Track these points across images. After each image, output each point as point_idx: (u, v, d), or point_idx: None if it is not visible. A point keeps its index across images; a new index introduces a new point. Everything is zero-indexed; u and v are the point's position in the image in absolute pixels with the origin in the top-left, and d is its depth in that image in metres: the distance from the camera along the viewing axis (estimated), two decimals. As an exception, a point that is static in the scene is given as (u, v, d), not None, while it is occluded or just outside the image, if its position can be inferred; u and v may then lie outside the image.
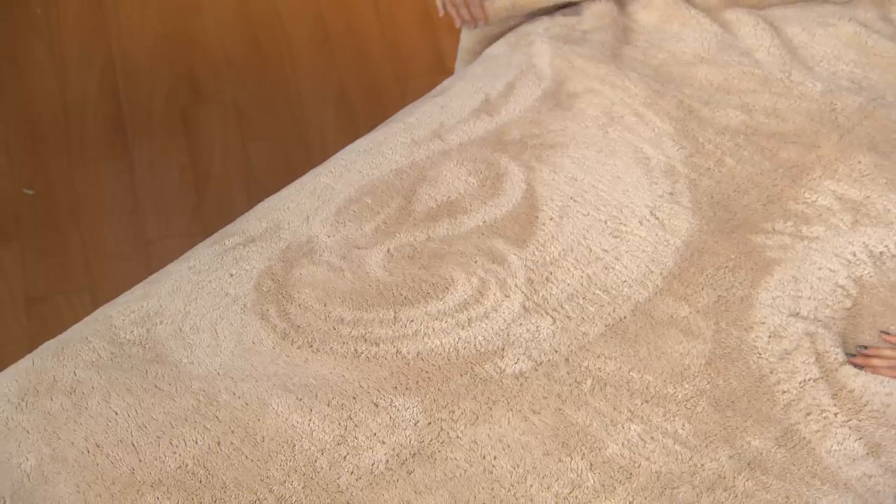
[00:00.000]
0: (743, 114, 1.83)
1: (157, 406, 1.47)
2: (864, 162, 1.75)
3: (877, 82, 1.89)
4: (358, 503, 1.39)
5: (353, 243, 1.66)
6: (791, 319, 1.58)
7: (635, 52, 1.93)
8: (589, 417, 1.47)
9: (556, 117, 1.82)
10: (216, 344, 1.54)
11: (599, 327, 1.57)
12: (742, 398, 1.50)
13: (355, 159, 1.79)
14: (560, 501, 1.39)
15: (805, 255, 1.65)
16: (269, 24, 2.94)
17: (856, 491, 1.42)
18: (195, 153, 2.67)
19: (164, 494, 1.39)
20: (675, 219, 1.69)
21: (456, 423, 1.46)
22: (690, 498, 1.40)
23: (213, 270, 1.63)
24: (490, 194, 1.72)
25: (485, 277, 1.61)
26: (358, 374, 1.51)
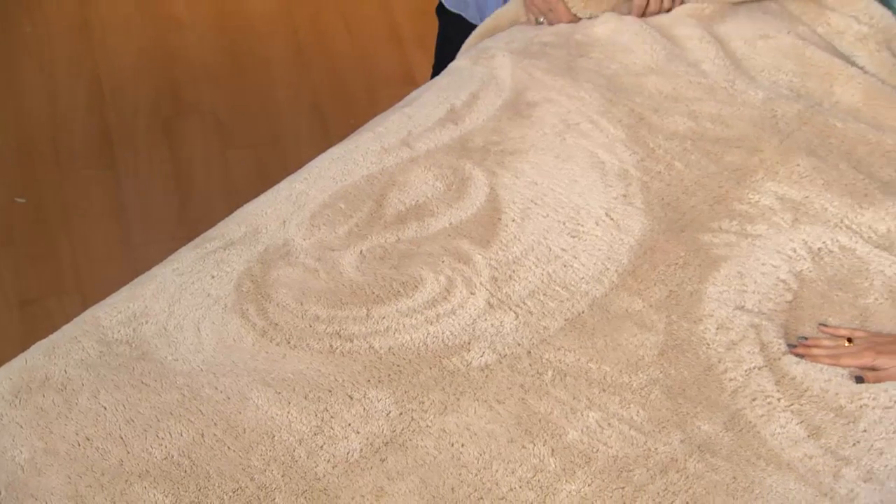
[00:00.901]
0: (690, 120, 1.84)
1: (144, 401, 1.47)
2: (802, 164, 1.76)
3: (814, 90, 1.90)
4: (334, 489, 1.39)
5: (327, 245, 1.66)
6: (737, 312, 1.59)
7: (589, 63, 1.93)
8: (550, 406, 1.47)
9: (516, 125, 1.82)
10: (199, 342, 1.54)
11: (559, 321, 1.57)
12: (692, 386, 1.51)
13: (328, 166, 1.78)
14: (524, 485, 1.39)
15: (749, 251, 1.66)
16: (247, 39, 2.93)
17: (797, 471, 1.42)
18: (178, 162, 2.67)
19: (151, 484, 1.38)
20: (628, 219, 1.69)
21: (426, 414, 1.46)
22: (645, 480, 1.40)
23: (196, 272, 1.63)
24: (455, 198, 1.72)
25: (451, 276, 1.61)
26: (333, 368, 1.50)
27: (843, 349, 1.56)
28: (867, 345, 1.55)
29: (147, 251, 2.44)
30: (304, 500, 1.37)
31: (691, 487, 1.40)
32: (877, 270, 1.63)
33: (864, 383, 1.51)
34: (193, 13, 2.98)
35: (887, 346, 1.55)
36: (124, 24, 2.94)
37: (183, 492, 1.38)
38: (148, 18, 2.96)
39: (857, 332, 1.59)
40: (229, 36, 2.93)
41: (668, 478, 1.41)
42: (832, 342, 1.57)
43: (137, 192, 2.60)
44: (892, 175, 1.77)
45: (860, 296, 1.62)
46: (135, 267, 2.13)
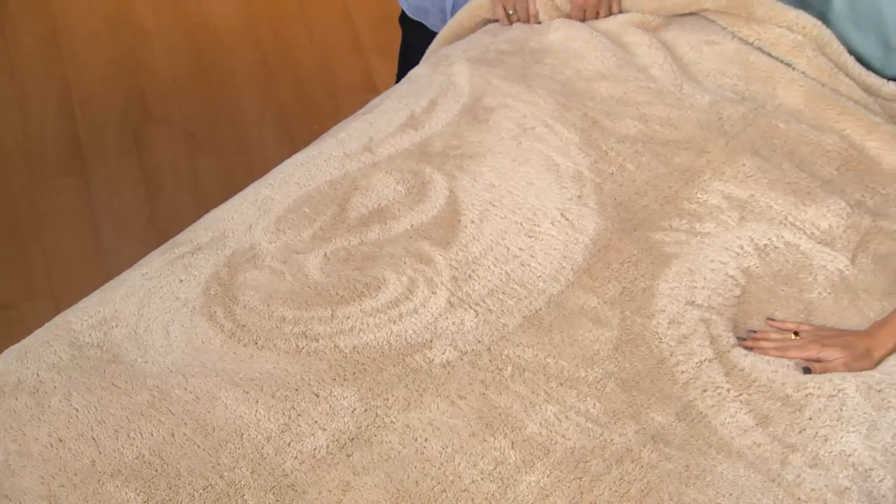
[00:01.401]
0: (640, 123, 1.84)
1: (115, 402, 1.45)
2: (748, 164, 1.77)
3: (757, 93, 1.91)
4: (302, 485, 1.38)
5: (292, 249, 1.65)
6: (688, 307, 1.59)
7: (544, 70, 1.94)
8: (510, 400, 1.47)
9: (474, 130, 1.82)
10: (168, 344, 1.53)
11: (518, 319, 1.57)
12: (646, 378, 1.51)
13: (293, 172, 1.78)
14: (485, 477, 1.39)
15: (698, 249, 1.67)
16: (213, 50, 2.92)
17: (747, 458, 1.43)
18: (147, 170, 2.65)
19: (123, 483, 1.37)
20: (583, 219, 1.69)
21: (390, 410, 1.46)
22: (601, 470, 1.41)
23: (164, 277, 1.62)
24: (416, 201, 1.72)
25: (413, 276, 1.61)
26: (299, 367, 1.50)
27: (790, 342, 1.57)
28: (812, 338, 1.57)
29: (118, 257, 2.42)
30: (273, 495, 1.37)
31: (646, 476, 1.40)
32: (819, 266, 1.65)
33: (810, 373, 1.52)
34: (161, 25, 2.97)
35: (831, 339, 1.56)
36: (93, 37, 2.91)
37: (154, 490, 1.37)
38: (116, 31, 2.93)
39: (802, 325, 1.60)
40: (196, 47, 2.92)
41: (624, 467, 1.41)
42: (779, 335, 1.58)
43: (108, 199, 2.57)
44: (832, 174, 1.78)
45: (805, 290, 1.63)
46: (106, 272, 2.11)
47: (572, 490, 1.38)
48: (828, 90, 1.89)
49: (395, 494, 1.37)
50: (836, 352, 1.55)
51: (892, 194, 1.77)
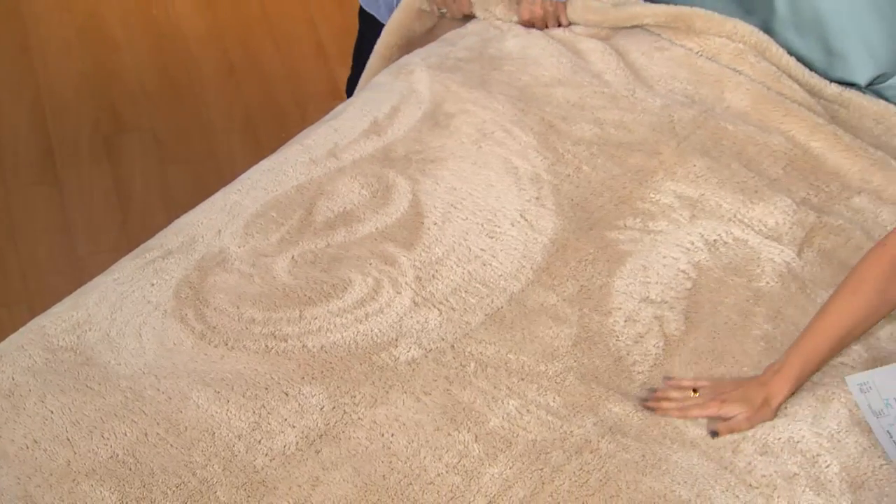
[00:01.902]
0: (595, 127, 1.85)
1: (89, 404, 1.44)
2: (698, 165, 1.78)
3: (706, 96, 1.92)
4: (272, 481, 1.37)
5: (260, 252, 1.64)
6: (643, 304, 1.60)
7: (502, 76, 1.94)
8: (473, 396, 1.47)
9: (435, 135, 1.82)
10: (140, 346, 1.51)
11: (480, 317, 1.57)
12: (604, 373, 1.52)
13: (260, 178, 1.77)
14: (450, 470, 1.39)
15: (652, 246, 1.67)
16: (182, 60, 2.90)
17: (700, 448, 1.44)
18: (119, 177, 2.63)
19: (98, 482, 1.36)
20: (541, 220, 1.70)
21: (357, 407, 1.45)
22: (562, 461, 1.41)
23: (136, 281, 1.60)
24: (381, 204, 1.72)
25: (379, 277, 1.61)
26: (269, 367, 1.49)
27: (690, 400, 1.50)
28: (711, 394, 1.50)
29: (91, 262, 2.40)
30: (244, 492, 1.36)
31: (604, 466, 1.41)
32: (767, 258, 1.66)
33: (717, 436, 1.46)
34: (130, 37, 2.95)
35: (730, 393, 1.50)
36: (65, 48, 2.89)
37: (128, 488, 1.36)
38: (87, 42, 2.91)
39: (700, 382, 1.53)
40: (165, 57, 2.90)
41: (583, 458, 1.42)
42: (679, 394, 1.51)
43: (81, 206, 2.55)
44: (778, 173, 1.80)
45: (753, 280, 1.64)
46: (80, 277, 2.09)
47: (534, 481, 1.39)
48: (773, 93, 1.90)
49: (363, 488, 1.37)
50: (737, 407, 1.48)
51: (836, 192, 1.79)
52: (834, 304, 1.51)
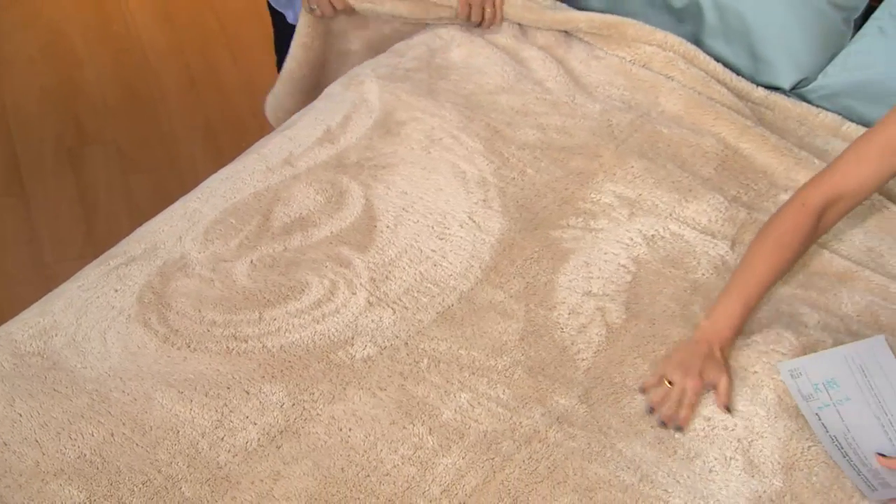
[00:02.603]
0: (538, 132, 1.86)
1: (57, 406, 1.43)
2: (635, 167, 1.79)
3: (642, 102, 1.94)
4: (235, 476, 1.36)
5: (220, 257, 1.63)
6: (585, 298, 1.61)
7: (448, 85, 1.94)
8: (426, 390, 1.47)
9: (386, 142, 1.82)
10: (105, 350, 1.50)
11: (432, 314, 1.57)
12: (550, 365, 1.52)
13: (219, 186, 1.76)
14: (405, 462, 1.39)
15: (593, 243, 1.68)
16: (143, 73, 2.88)
17: (644, 437, 1.45)
18: (83, 187, 2.60)
19: (66, 481, 1.34)
20: (488, 221, 1.70)
21: (316, 403, 1.45)
22: (512, 450, 1.41)
23: (100, 287, 1.59)
24: (335, 209, 1.71)
25: (334, 279, 1.60)
26: (230, 367, 1.48)
27: (676, 394, 1.47)
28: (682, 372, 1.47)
29: (57, 270, 2.37)
30: (208, 487, 1.35)
31: (552, 455, 1.41)
32: (703, 252, 1.68)
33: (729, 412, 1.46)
34: (92, 52, 2.92)
35: (675, 368, 1.48)
36: (27, 63, 2.86)
37: (96, 486, 1.34)
38: (50, 58, 2.88)
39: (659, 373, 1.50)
40: (127, 72, 2.87)
41: (532, 447, 1.42)
42: (664, 392, 1.47)
43: (46, 216, 2.52)
44: (711, 172, 1.81)
45: (690, 272, 1.66)
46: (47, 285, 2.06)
47: (485, 470, 1.39)
48: (704, 98, 1.92)
49: (323, 481, 1.36)
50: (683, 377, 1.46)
51: (764, 189, 1.81)
52: (754, 267, 1.55)
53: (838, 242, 1.73)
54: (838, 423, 1.45)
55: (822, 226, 1.59)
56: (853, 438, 1.44)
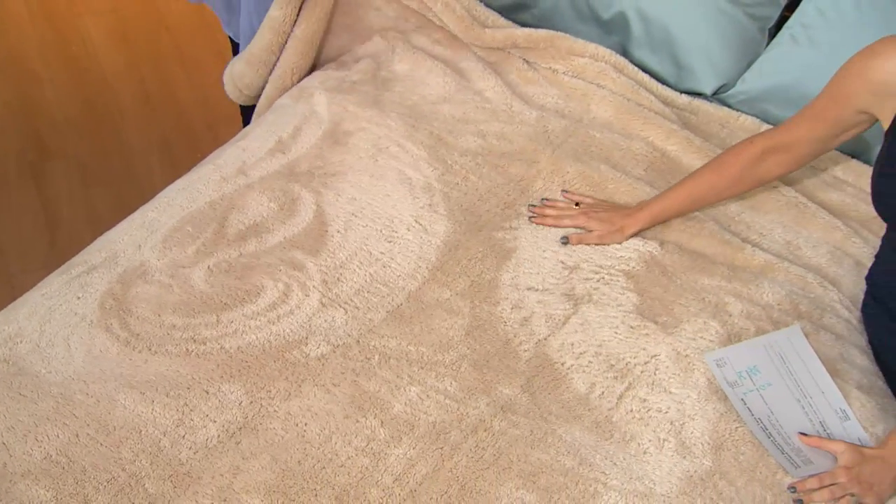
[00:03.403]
0: (479, 139, 1.86)
1: (23, 410, 1.40)
2: (570, 171, 1.80)
3: (574, 109, 1.95)
4: (197, 472, 1.35)
5: (178, 264, 1.62)
6: (527, 293, 1.62)
7: (393, 96, 1.94)
8: (378, 385, 1.47)
9: (335, 152, 1.82)
10: (69, 355, 1.48)
11: (382, 314, 1.57)
12: (494, 358, 1.53)
13: (176, 196, 1.74)
14: (359, 453, 1.39)
15: (534, 242, 1.69)
16: (100, 90, 2.84)
17: (582, 422, 1.46)
18: (46, 200, 2.56)
19: (34, 481, 1.32)
20: (434, 224, 1.71)
21: (273, 400, 1.44)
22: (459, 439, 1.42)
23: (63, 295, 1.57)
24: (288, 216, 1.71)
25: (288, 282, 1.60)
26: (190, 368, 1.47)
27: (568, 212, 1.68)
28: (585, 209, 1.68)
29: (22, 280, 2.34)
30: (171, 483, 1.34)
31: (497, 442, 1.42)
32: (633, 248, 1.70)
33: (568, 243, 1.66)
34: (51, 71, 2.88)
35: (600, 213, 1.67)
36: (-11, 83, 2.82)
37: (62, 486, 1.32)
38: (10, 77, 2.84)
39: (586, 198, 1.71)
40: (85, 89, 2.84)
41: (478, 436, 1.43)
42: (564, 205, 1.69)
43: (10, 229, 2.48)
44: (641, 174, 1.83)
45: (623, 263, 1.67)
46: (12, 294, 2.04)
47: (435, 459, 1.39)
48: (633, 104, 1.94)
49: (281, 474, 1.36)
50: (596, 224, 1.66)
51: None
52: (698, 176, 1.69)
53: (760, 237, 1.76)
54: (762, 407, 1.47)
55: (764, 170, 1.66)
56: (776, 420, 1.46)
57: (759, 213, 1.80)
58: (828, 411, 1.47)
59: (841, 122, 1.55)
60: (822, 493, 1.38)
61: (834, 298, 1.67)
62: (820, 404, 1.48)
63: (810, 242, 1.76)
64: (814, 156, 1.64)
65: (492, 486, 1.37)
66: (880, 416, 1.49)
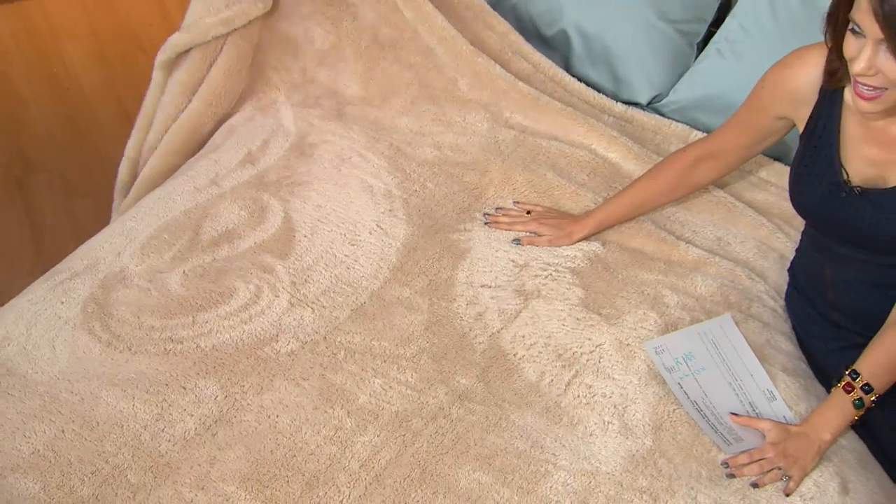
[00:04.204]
0: (436, 150, 1.87)
1: (11, 409, 1.39)
2: (520, 180, 1.81)
3: (523, 120, 1.96)
4: (176, 462, 1.34)
5: (156, 269, 1.60)
6: (481, 289, 1.62)
7: (355, 110, 1.94)
8: (344, 378, 1.47)
9: (301, 162, 1.81)
10: (54, 356, 1.46)
11: (347, 312, 1.57)
12: (452, 351, 1.53)
13: (153, 205, 1.73)
14: (327, 442, 1.39)
15: (487, 243, 1.70)
16: (81, 107, 2.82)
17: (534, 407, 1.47)
18: (31, 212, 2.53)
19: (22, 475, 1.31)
20: (394, 228, 1.71)
21: (246, 394, 1.43)
22: (420, 427, 1.42)
23: (47, 300, 1.55)
24: (258, 223, 1.70)
25: (259, 284, 1.59)
26: (168, 366, 1.46)
27: (520, 219, 1.69)
28: (536, 216, 1.69)
29: (10, 287, 2.27)
30: (152, 473, 1.33)
31: (455, 428, 1.42)
32: (578, 247, 1.71)
33: (520, 244, 1.67)
34: (34, 90, 2.84)
35: (550, 220, 1.69)
36: (-25, 103, 2.79)
37: (49, 478, 1.31)
38: (-4, 96, 2.81)
39: (537, 207, 1.72)
40: (67, 105, 2.80)
41: (438, 423, 1.43)
42: (517, 212, 1.70)
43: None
44: (585, 179, 1.84)
45: (569, 261, 1.68)
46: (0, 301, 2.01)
47: (398, 445, 1.40)
48: (579, 114, 1.95)
49: (255, 463, 1.35)
50: (546, 230, 1.68)
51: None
52: (639, 184, 1.71)
53: (693, 235, 1.78)
54: (697, 390, 1.49)
55: (698, 176, 1.69)
56: (710, 402, 1.48)
57: (692, 212, 1.82)
58: (756, 392, 1.49)
59: (762, 129, 1.57)
60: (752, 468, 1.40)
61: (761, 289, 1.70)
62: (749, 386, 1.50)
63: (738, 238, 1.78)
64: (742, 161, 1.66)
65: (451, 469, 1.37)
66: (803, 396, 1.51)
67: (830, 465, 1.42)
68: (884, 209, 1.40)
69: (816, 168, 1.46)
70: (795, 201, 1.52)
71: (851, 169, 1.44)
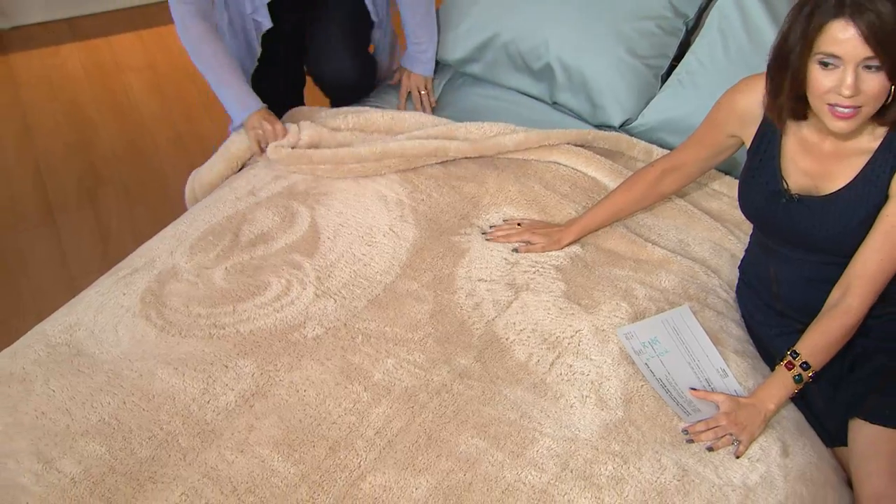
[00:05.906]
0: (440, 167, 1.86)
1: (81, 383, 1.39)
2: (512, 190, 1.80)
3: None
4: (219, 429, 1.34)
5: (203, 266, 1.60)
6: (478, 283, 1.62)
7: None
8: (361, 358, 1.47)
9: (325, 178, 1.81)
10: (117, 339, 1.47)
11: (364, 302, 1.57)
12: (453, 336, 1.53)
13: (200, 212, 1.73)
14: (347, 412, 1.38)
15: (483, 244, 1.69)
16: (141, 131, 2.83)
17: (524, 384, 1.46)
18: (99, 218, 2.53)
19: (91, 439, 1.31)
20: (405, 231, 1.70)
21: (278, 372, 1.43)
22: (426, 400, 1.42)
23: (112, 292, 1.55)
24: (288, 226, 1.70)
25: (289, 279, 1.59)
26: (213, 348, 1.46)
27: (514, 230, 1.67)
28: (528, 227, 1.67)
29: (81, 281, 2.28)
30: (199, 438, 1.33)
31: (456, 401, 1.42)
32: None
33: (518, 252, 1.64)
34: (103, 117, 2.85)
35: (540, 228, 1.67)
36: (55, 127, 2.78)
37: (113, 442, 1.31)
38: (72, 123, 2.81)
39: (525, 220, 1.70)
40: (129, 130, 2.81)
41: (441, 397, 1.42)
42: (509, 227, 1.68)
43: (72, 241, 2.45)
44: (567, 190, 1.83)
45: (553, 259, 1.66)
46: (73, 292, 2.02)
47: (407, 415, 1.39)
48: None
49: (286, 430, 1.35)
50: (538, 238, 1.65)
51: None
52: (614, 195, 1.70)
53: (658, 237, 1.77)
54: (661, 369, 1.48)
55: (664, 186, 1.68)
56: (672, 379, 1.47)
57: (658, 218, 1.81)
58: (711, 371, 1.48)
59: (717, 145, 1.56)
60: (708, 434, 1.39)
61: (715, 283, 1.69)
62: (705, 365, 1.49)
63: (697, 240, 1.77)
64: (701, 172, 1.65)
65: (452, 436, 1.37)
66: (751, 374, 1.51)
67: (773, 432, 1.41)
68: (817, 214, 1.40)
69: (761, 178, 1.46)
70: (743, 207, 1.51)
71: (790, 179, 1.43)
